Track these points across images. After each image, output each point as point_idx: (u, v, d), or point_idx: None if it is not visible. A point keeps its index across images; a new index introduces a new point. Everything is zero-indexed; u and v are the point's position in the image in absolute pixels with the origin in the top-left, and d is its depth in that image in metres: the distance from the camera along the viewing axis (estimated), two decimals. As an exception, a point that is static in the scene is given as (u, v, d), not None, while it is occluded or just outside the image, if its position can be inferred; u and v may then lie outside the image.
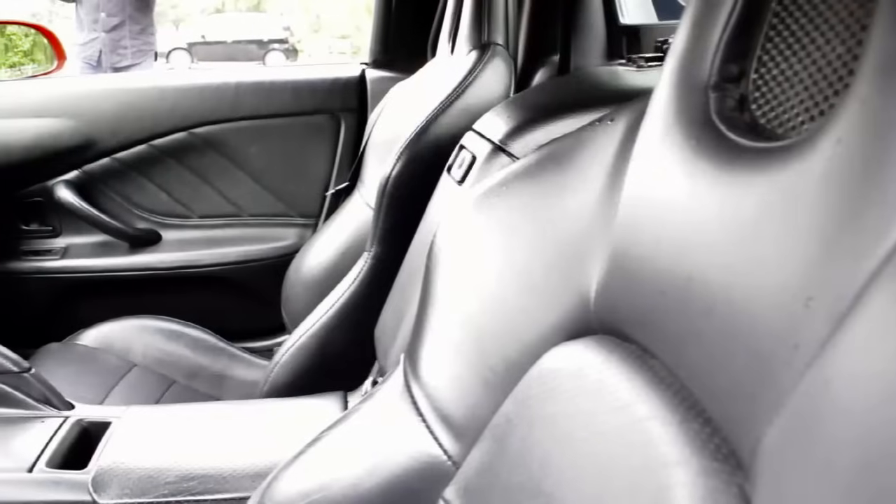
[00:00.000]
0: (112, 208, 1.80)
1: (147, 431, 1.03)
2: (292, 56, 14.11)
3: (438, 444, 0.59)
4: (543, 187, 0.62)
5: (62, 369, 1.52)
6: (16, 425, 1.03)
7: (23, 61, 2.34)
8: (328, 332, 1.16)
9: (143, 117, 1.76)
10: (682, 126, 0.43)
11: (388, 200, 1.12)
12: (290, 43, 14.39)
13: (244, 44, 13.68)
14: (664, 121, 0.45)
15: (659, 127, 0.46)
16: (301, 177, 1.82)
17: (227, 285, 1.83)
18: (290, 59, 13.90)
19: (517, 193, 0.65)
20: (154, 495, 0.91)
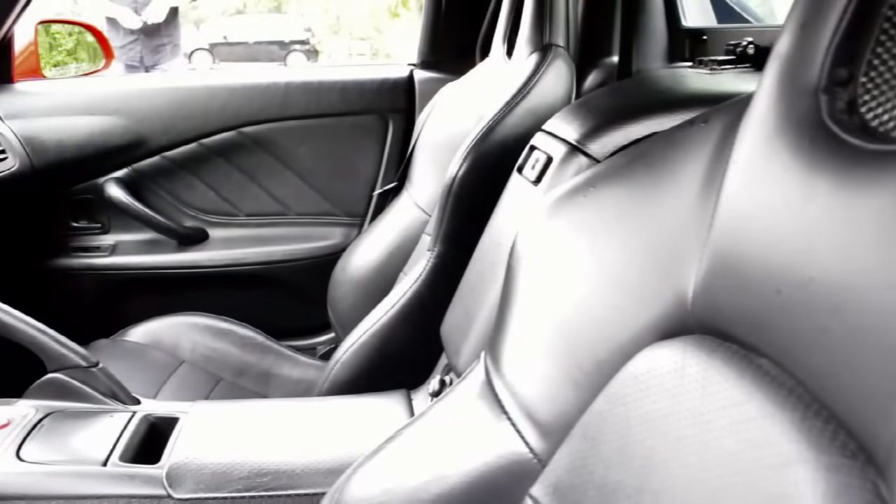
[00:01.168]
0: (161, 206, 1.82)
1: (216, 427, 1.04)
2: (313, 57, 14.15)
3: (524, 441, 0.59)
4: (635, 188, 0.62)
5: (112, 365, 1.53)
6: (86, 419, 1.04)
7: (66, 60, 2.36)
8: (390, 330, 1.17)
9: (194, 116, 1.78)
10: (791, 129, 0.44)
11: (454, 200, 1.12)
12: (311, 44, 14.43)
13: (265, 45, 13.73)
14: (770, 123, 0.46)
15: (764, 129, 0.46)
16: (348, 176, 1.82)
17: (272, 283, 1.84)
18: (311, 61, 13.94)
19: (606, 194, 0.65)
20: (228, 490, 0.92)
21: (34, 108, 1.76)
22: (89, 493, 0.91)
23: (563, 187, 0.76)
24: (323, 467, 0.95)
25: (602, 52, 1.44)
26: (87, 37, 2.33)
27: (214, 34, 14.22)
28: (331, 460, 0.96)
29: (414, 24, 15.96)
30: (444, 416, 0.71)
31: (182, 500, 0.91)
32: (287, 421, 1.07)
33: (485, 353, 0.70)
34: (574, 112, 0.99)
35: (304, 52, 13.89)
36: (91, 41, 2.36)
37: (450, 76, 1.74)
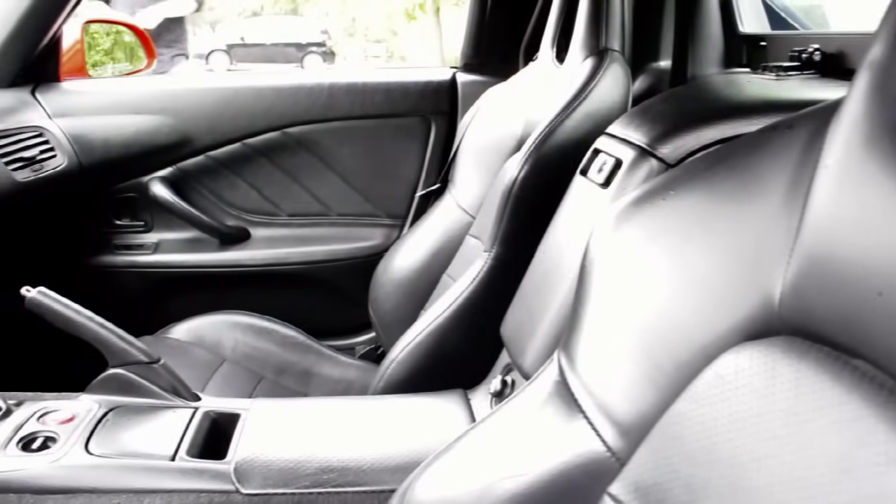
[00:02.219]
0: (203, 205, 1.83)
1: (278, 424, 1.05)
2: (329, 59, 14.21)
3: (601, 439, 0.59)
4: (717, 192, 0.63)
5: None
6: (149, 414, 1.05)
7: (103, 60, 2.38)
8: (446, 331, 1.18)
9: (239, 116, 1.79)
10: (886, 135, 0.44)
11: (514, 202, 1.13)
12: (327, 46, 14.49)
13: (282, 46, 13.79)
14: (863, 130, 0.46)
15: (858, 136, 0.47)
16: (390, 178, 1.84)
17: (313, 283, 1.85)
18: (328, 62, 13.99)
19: (687, 197, 0.66)
20: (296, 486, 0.93)
21: (81, 106, 1.78)
22: (159, 488, 0.92)
23: (638, 191, 0.77)
24: (389, 465, 0.95)
25: (649, 56, 1.45)
26: (125, 37, 2.35)
27: (232, 36, 14.29)
28: (396, 458, 0.97)
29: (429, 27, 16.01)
30: (516, 415, 0.71)
31: (250, 495, 0.92)
32: (347, 419, 1.07)
33: (559, 352, 0.71)
34: (640, 116, 1.00)
35: (320, 53, 13.94)
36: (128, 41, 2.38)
37: (493, 79, 1.75)
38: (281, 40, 13.93)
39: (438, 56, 14.76)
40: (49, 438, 0.98)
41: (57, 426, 1.01)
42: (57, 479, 0.91)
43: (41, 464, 0.93)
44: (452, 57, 11.45)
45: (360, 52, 16.35)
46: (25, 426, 1.00)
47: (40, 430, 1.00)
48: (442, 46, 15.22)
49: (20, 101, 1.68)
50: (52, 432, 0.99)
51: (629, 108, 1.17)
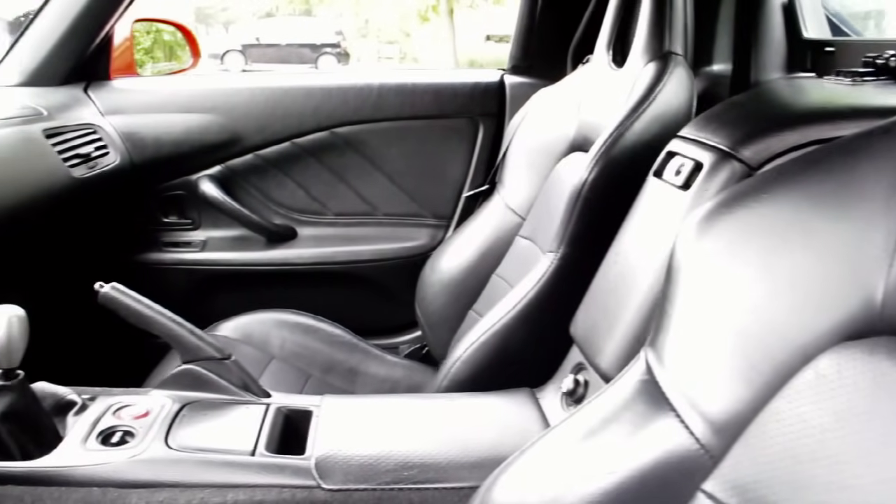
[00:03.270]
0: (251, 203, 1.84)
1: (352, 421, 1.05)
2: (344, 60, 14.24)
3: (693, 436, 0.60)
4: (813, 194, 0.63)
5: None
6: (224, 410, 1.06)
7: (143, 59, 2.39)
8: (511, 330, 1.18)
9: (289, 116, 1.80)
10: None
11: (584, 204, 1.14)
12: (342, 47, 14.52)
13: (297, 47, 13.82)
14: None
15: None
16: (437, 178, 1.84)
17: (358, 282, 1.86)
18: (342, 63, 14.03)
19: (780, 200, 0.66)
20: (376, 483, 0.93)
21: (132, 104, 1.79)
22: (241, 483, 0.92)
23: (726, 193, 0.77)
24: (467, 461, 0.96)
25: (703, 60, 1.45)
26: (164, 35, 2.37)
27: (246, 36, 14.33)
28: (474, 455, 0.97)
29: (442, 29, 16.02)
30: (602, 414, 0.72)
31: (332, 490, 0.92)
32: (420, 416, 1.08)
33: (646, 351, 0.71)
34: (717, 119, 1.01)
35: (334, 54, 13.97)
36: (167, 40, 2.39)
37: (540, 81, 1.76)
38: (295, 41, 13.97)
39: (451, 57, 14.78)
40: (127, 433, 0.99)
41: (132, 421, 1.02)
42: (140, 473, 0.92)
43: (122, 458, 0.94)
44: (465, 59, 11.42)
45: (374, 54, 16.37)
46: (102, 421, 1.01)
47: (117, 424, 1.01)
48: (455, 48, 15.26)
49: (73, 99, 1.70)
50: (129, 427, 1.00)
51: (693, 112, 1.18)
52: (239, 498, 0.91)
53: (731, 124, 0.96)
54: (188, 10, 14.27)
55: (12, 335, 0.96)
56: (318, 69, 12.33)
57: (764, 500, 0.53)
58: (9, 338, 0.96)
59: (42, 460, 0.94)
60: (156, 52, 2.39)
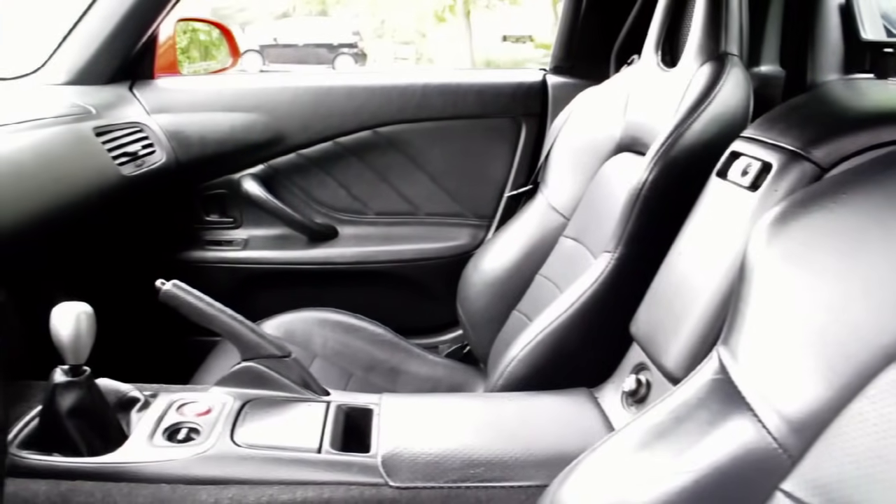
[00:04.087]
0: (293, 202, 1.85)
1: (413, 419, 1.06)
2: (361, 60, 14.27)
3: (771, 435, 0.59)
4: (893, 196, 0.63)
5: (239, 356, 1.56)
6: (285, 407, 1.06)
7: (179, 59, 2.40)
8: (568, 330, 1.18)
9: (332, 115, 1.81)
10: None
11: (643, 204, 1.13)
12: (359, 47, 14.55)
13: (314, 47, 13.85)
14: None
15: None
16: (479, 178, 1.84)
17: (399, 281, 1.87)
18: (359, 63, 14.05)
19: (860, 199, 0.66)
20: (443, 481, 0.93)
21: (177, 103, 1.80)
22: (310, 480, 0.93)
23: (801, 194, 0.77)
24: (532, 460, 0.96)
25: (752, 60, 1.45)
26: (200, 35, 2.38)
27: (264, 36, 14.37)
28: (539, 454, 0.97)
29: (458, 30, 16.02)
30: (674, 413, 0.71)
31: (399, 488, 0.93)
32: (479, 415, 1.08)
33: (719, 350, 0.71)
34: (783, 119, 1.00)
35: (351, 55, 14.00)
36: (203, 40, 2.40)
37: (583, 82, 1.75)
38: (313, 41, 14.00)
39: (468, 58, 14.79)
40: (192, 430, 1.00)
41: (195, 417, 1.02)
42: (208, 470, 0.93)
43: (190, 455, 0.94)
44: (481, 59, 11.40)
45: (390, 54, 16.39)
46: (166, 417, 1.02)
47: (182, 421, 1.01)
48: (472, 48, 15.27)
49: (120, 97, 1.71)
50: (193, 423, 1.01)
51: (751, 113, 1.17)
52: (308, 495, 0.91)
53: (799, 125, 0.96)
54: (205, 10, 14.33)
55: (80, 332, 0.97)
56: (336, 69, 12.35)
57: (849, 500, 0.53)
58: (77, 334, 0.97)
59: (110, 456, 0.94)
60: (191, 51, 2.40)
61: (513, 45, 16.38)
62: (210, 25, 2.07)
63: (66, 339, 0.96)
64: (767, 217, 0.73)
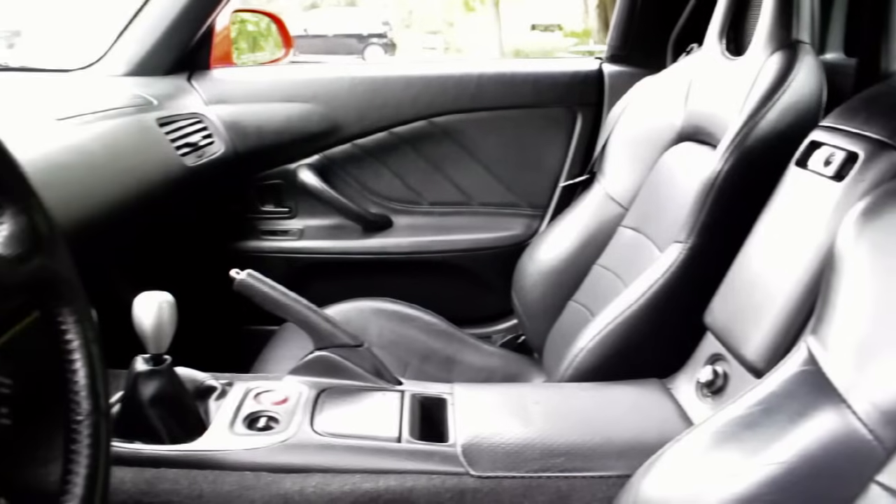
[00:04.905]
0: (347, 192, 1.86)
1: (487, 409, 1.06)
2: (390, 50, 14.27)
3: (866, 426, 0.59)
4: None
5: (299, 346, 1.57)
6: (362, 396, 1.07)
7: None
8: (638, 320, 1.17)
9: (388, 105, 1.81)
10: None
11: (717, 194, 1.13)
12: (388, 38, 14.55)
13: (344, 38, 13.86)
14: None
15: None
16: (533, 168, 1.84)
17: (453, 271, 1.87)
18: (389, 54, 14.05)
19: None
20: (525, 470, 0.94)
21: (234, 94, 1.81)
22: (392, 468, 0.93)
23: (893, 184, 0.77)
24: (612, 450, 0.96)
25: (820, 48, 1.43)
26: (248, 26, 2.39)
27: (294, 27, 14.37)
28: (618, 444, 0.97)
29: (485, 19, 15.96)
30: (762, 405, 0.71)
31: (481, 477, 0.93)
32: (552, 405, 1.08)
33: (808, 341, 0.70)
34: (866, 108, 0.99)
35: (381, 45, 13.99)
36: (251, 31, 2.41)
37: (640, 71, 1.74)
38: (342, 31, 14.01)
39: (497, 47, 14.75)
40: (271, 418, 1.01)
41: (272, 406, 1.03)
42: (291, 458, 0.94)
43: (272, 443, 0.95)
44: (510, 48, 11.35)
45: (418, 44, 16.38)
46: (244, 406, 1.03)
47: (260, 409, 1.02)
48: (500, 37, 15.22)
49: (178, 88, 1.72)
50: (271, 412, 1.02)
51: (824, 101, 1.16)
52: (390, 484, 0.92)
53: (884, 114, 0.95)
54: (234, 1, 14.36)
55: (162, 321, 0.98)
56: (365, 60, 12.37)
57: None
58: (159, 323, 0.98)
59: (193, 444, 0.95)
60: (240, 42, 2.41)
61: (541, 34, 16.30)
62: (261, 16, 2.08)
63: (149, 328, 0.97)
64: (857, 208, 0.73)
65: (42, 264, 0.68)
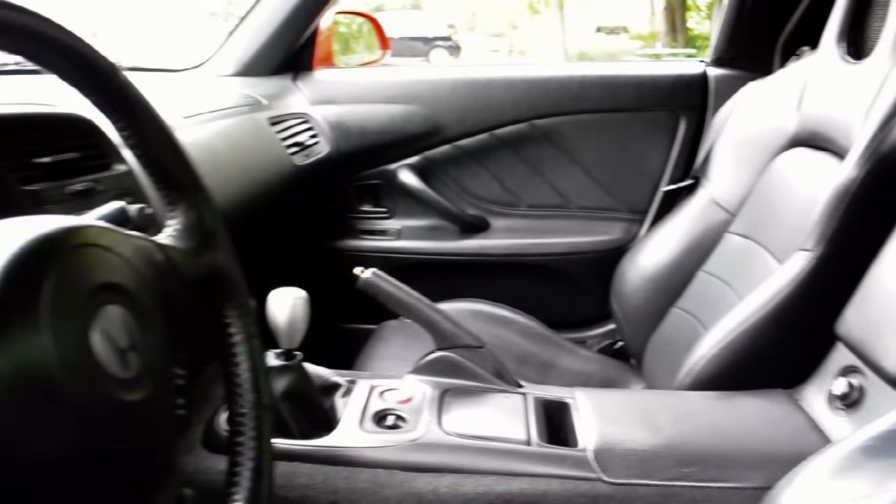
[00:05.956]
0: (445, 193, 1.86)
1: (612, 414, 1.05)
2: (455, 53, 14.30)
3: None
4: None
5: (401, 345, 1.58)
6: (485, 398, 1.07)
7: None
8: (762, 329, 1.15)
9: (490, 107, 1.82)
10: None
11: (851, 202, 1.09)
12: (454, 40, 14.59)
13: (409, 40, 13.93)
14: None
15: None
16: (634, 172, 1.82)
17: (550, 275, 1.86)
18: (454, 56, 14.08)
19: None
20: (658, 478, 0.92)
21: (337, 94, 1.84)
22: (523, 471, 0.92)
23: None
24: (747, 461, 0.94)
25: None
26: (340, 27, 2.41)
27: (360, 29, 14.50)
28: (752, 455, 0.95)
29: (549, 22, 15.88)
30: None
31: (614, 484, 0.92)
32: (678, 412, 1.07)
33: None
34: None
35: (446, 48, 14.03)
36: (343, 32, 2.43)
37: (745, 74, 1.71)
38: (408, 34, 14.08)
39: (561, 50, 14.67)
40: (399, 417, 1.01)
41: (397, 405, 1.03)
42: (423, 457, 0.93)
43: (403, 441, 0.95)
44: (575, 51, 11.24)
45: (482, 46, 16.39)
46: (371, 403, 1.03)
47: (388, 408, 1.02)
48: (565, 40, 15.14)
49: (285, 89, 1.75)
50: (398, 410, 1.02)
51: None
52: (523, 487, 0.91)
53: None
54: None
55: (296, 317, 0.99)
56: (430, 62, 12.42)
57: None
58: (293, 319, 0.99)
59: (326, 440, 0.96)
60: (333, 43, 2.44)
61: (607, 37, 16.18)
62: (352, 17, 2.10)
63: (283, 324, 0.99)
64: None
65: (211, 258, 0.70)
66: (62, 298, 0.47)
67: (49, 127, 0.91)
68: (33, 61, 0.54)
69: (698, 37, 12.64)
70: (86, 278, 0.50)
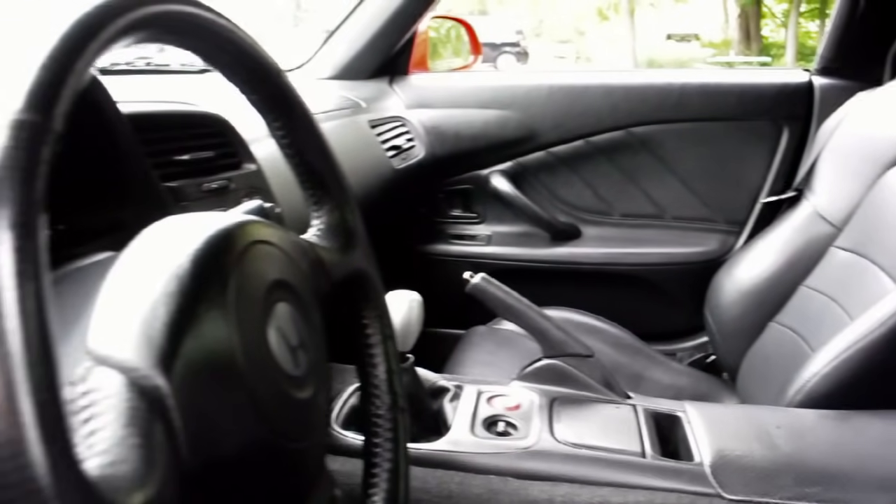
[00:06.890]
0: (537, 200, 1.85)
1: (727, 429, 1.02)
2: (523, 59, 14.27)
3: None
4: None
5: (488, 351, 1.58)
6: (595, 407, 1.05)
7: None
8: (878, 348, 1.11)
9: (586, 114, 1.80)
10: None
11: None
12: (521, 46, 14.56)
13: (477, 45, 13.93)
14: None
15: None
16: (732, 183, 1.78)
17: (641, 285, 1.83)
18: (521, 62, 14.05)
19: None
20: (779, 496, 0.89)
21: (432, 99, 1.84)
22: (640, 484, 0.91)
23: None
24: (872, 482, 0.91)
25: None
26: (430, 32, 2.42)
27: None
28: (879, 476, 0.92)
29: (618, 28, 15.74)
30: None
31: (733, 500, 0.89)
32: (795, 430, 1.04)
33: None
34: None
35: (514, 53, 14.01)
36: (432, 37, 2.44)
37: (854, 84, 1.66)
38: (476, 40, 14.08)
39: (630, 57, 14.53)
40: (509, 423, 1.00)
41: (506, 411, 1.03)
42: (536, 466, 0.92)
43: (516, 448, 0.94)
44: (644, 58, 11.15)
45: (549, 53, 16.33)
46: (480, 409, 1.03)
47: (497, 414, 1.02)
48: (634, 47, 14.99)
49: (382, 92, 1.76)
50: (508, 417, 1.01)
51: None
52: (639, 500, 0.90)
53: None
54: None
55: (411, 319, 0.99)
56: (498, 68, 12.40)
57: None
58: (408, 321, 0.99)
59: (438, 444, 0.96)
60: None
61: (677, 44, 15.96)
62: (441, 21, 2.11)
63: (398, 326, 0.99)
64: None
65: (353, 258, 0.70)
66: (245, 294, 0.47)
67: (187, 125, 0.92)
68: (206, 60, 0.55)
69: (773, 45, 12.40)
70: (261, 275, 0.51)
